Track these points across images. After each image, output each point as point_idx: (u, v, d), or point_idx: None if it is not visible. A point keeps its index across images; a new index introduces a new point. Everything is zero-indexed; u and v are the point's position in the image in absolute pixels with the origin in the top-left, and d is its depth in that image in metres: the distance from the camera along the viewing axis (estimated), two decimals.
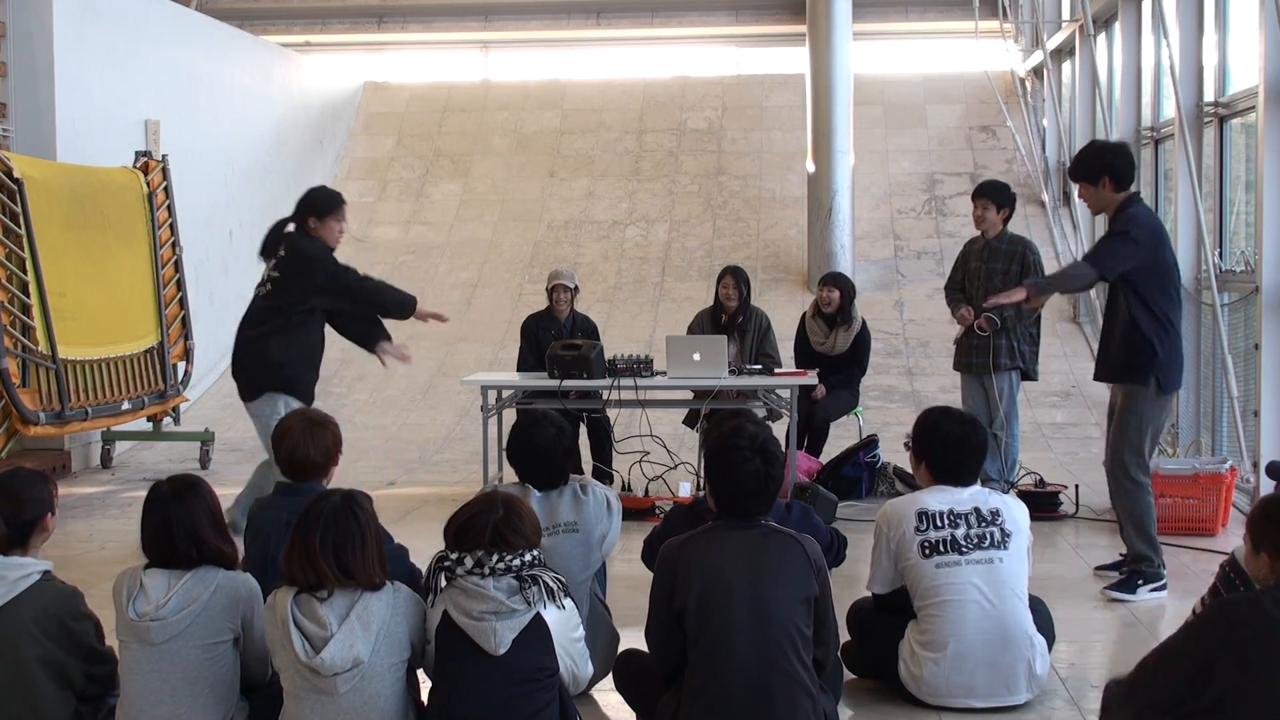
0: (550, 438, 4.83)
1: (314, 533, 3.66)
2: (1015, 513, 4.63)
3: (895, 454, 8.66)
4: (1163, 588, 6.08)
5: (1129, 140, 10.91)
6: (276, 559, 4.02)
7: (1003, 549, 4.52)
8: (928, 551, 4.51)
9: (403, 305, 6.82)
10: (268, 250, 6.73)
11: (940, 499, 4.59)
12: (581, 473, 8.02)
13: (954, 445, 4.63)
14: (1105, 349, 6.17)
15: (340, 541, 3.65)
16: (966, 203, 9.60)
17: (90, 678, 3.99)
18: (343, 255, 6.96)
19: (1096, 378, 6.42)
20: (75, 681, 3.96)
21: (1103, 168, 6.02)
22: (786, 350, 9.01)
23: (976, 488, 4.64)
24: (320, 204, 6.69)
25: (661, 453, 8.34)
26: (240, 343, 6.71)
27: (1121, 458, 6.04)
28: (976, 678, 4.47)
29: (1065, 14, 13.99)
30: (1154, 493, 6.97)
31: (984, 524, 4.55)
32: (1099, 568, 6.45)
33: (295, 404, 6.39)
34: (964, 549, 4.49)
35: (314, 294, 6.59)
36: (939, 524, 4.53)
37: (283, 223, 6.75)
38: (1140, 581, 6.06)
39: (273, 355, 6.54)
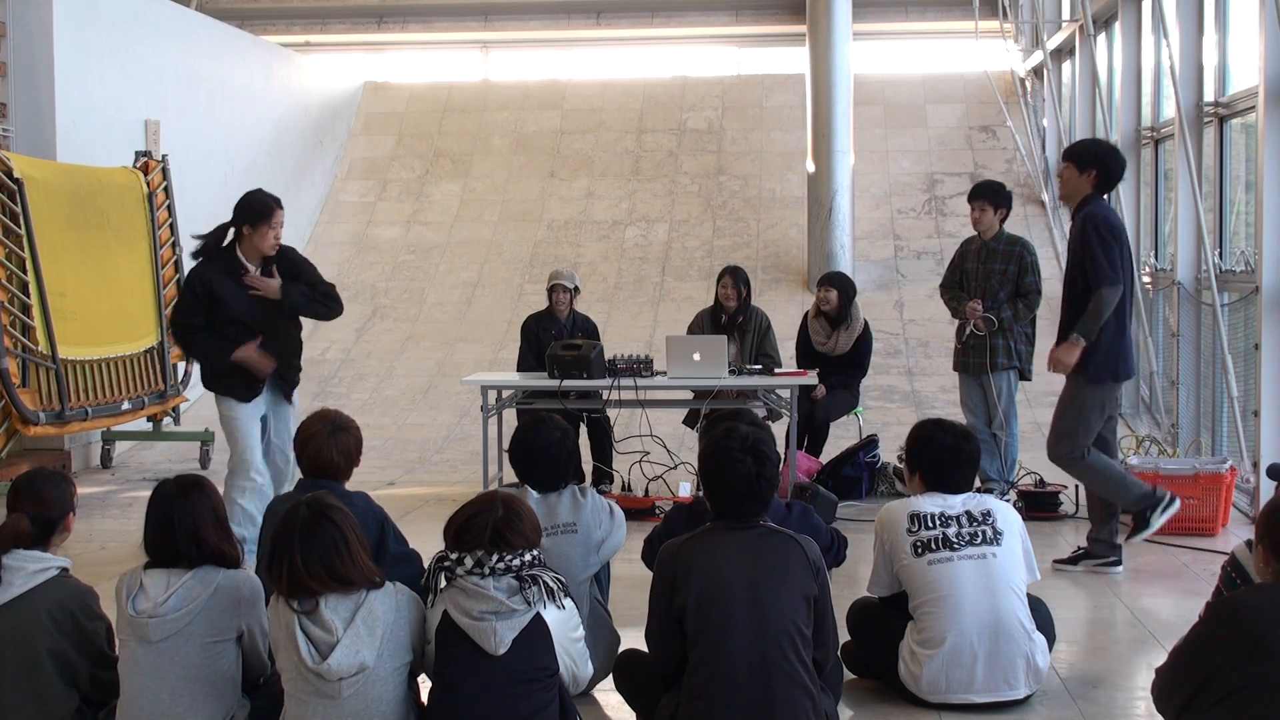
0: (554, 440, 4.83)
1: (295, 552, 3.61)
2: (1007, 514, 4.66)
3: (895, 454, 8.65)
4: (1171, 501, 6.25)
5: (1129, 140, 10.92)
6: None
7: (995, 545, 4.55)
8: (920, 550, 4.53)
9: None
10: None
11: (932, 502, 4.63)
12: (583, 477, 8.03)
13: (947, 456, 4.67)
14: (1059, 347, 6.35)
15: (325, 552, 3.61)
16: (966, 203, 9.61)
17: (95, 681, 4.00)
18: (343, 256, 6.95)
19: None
20: (81, 681, 3.97)
21: (1098, 163, 6.23)
22: (787, 350, 9.01)
23: (968, 494, 4.68)
24: (255, 210, 6.59)
25: (661, 453, 8.34)
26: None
27: (1071, 442, 6.20)
28: (975, 671, 4.48)
29: (1065, 14, 13.99)
30: None
31: (975, 524, 4.58)
32: (1057, 561, 6.49)
33: (233, 405, 6.62)
34: (956, 545, 4.52)
35: None
36: (930, 524, 4.56)
37: (223, 228, 6.73)
38: (1149, 512, 6.24)
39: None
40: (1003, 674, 4.51)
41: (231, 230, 6.63)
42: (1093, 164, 6.21)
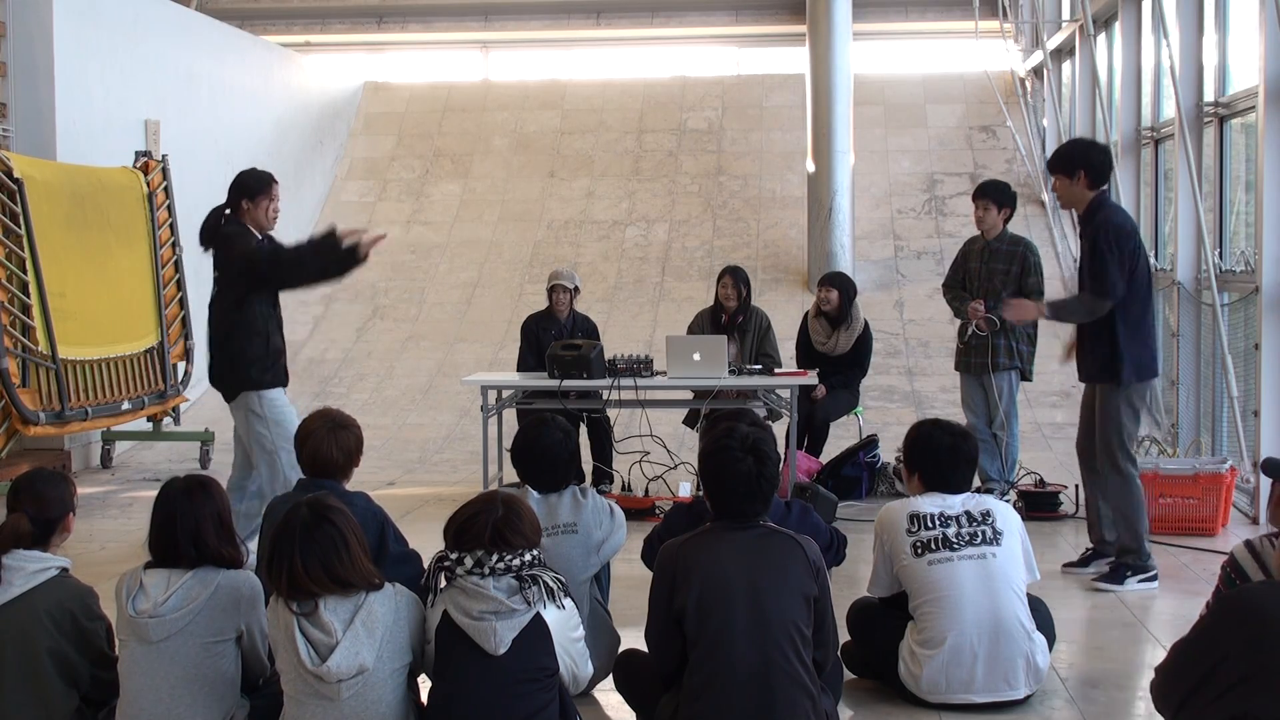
0: (557, 441, 4.84)
1: (295, 554, 3.60)
2: (1006, 514, 4.66)
3: (894, 454, 8.65)
4: (1153, 579, 6.15)
5: (1129, 140, 10.92)
6: None
7: (995, 545, 4.55)
8: (920, 550, 4.53)
9: (333, 251, 6.12)
10: (206, 240, 6.48)
11: (932, 502, 4.62)
12: (583, 477, 8.03)
13: (946, 456, 4.67)
14: (1080, 351, 6.30)
15: (325, 555, 3.60)
16: (966, 203, 9.60)
17: (96, 681, 4.00)
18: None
19: (1081, 379, 6.44)
20: (81, 681, 3.98)
21: (1081, 162, 6.15)
22: (786, 350, 9.01)
23: (967, 494, 4.68)
24: (250, 185, 6.43)
25: (661, 453, 8.34)
26: (211, 347, 6.46)
27: (1109, 452, 6.11)
28: (976, 672, 4.48)
29: (1065, 14, 13.99)
30: (1154, 493, 6.98)
31: (975, 524, 4.57)
32: (1066, 565, 6.48)
33: (273, 397, 6.29)
34: (955, 546, 4.52)
35: (241, 278, 6.30)
36: (930, 524, 4.56)
37: (218, 210, 6.49)
38: (1129, 573, 6.14)
39: (243, 355, 6.29)
40: (1003, 674, 4.51)
41: (228, 211, 6.44)
42: (1078, 165, 6.13)
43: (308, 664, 3.55)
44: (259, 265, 6.25)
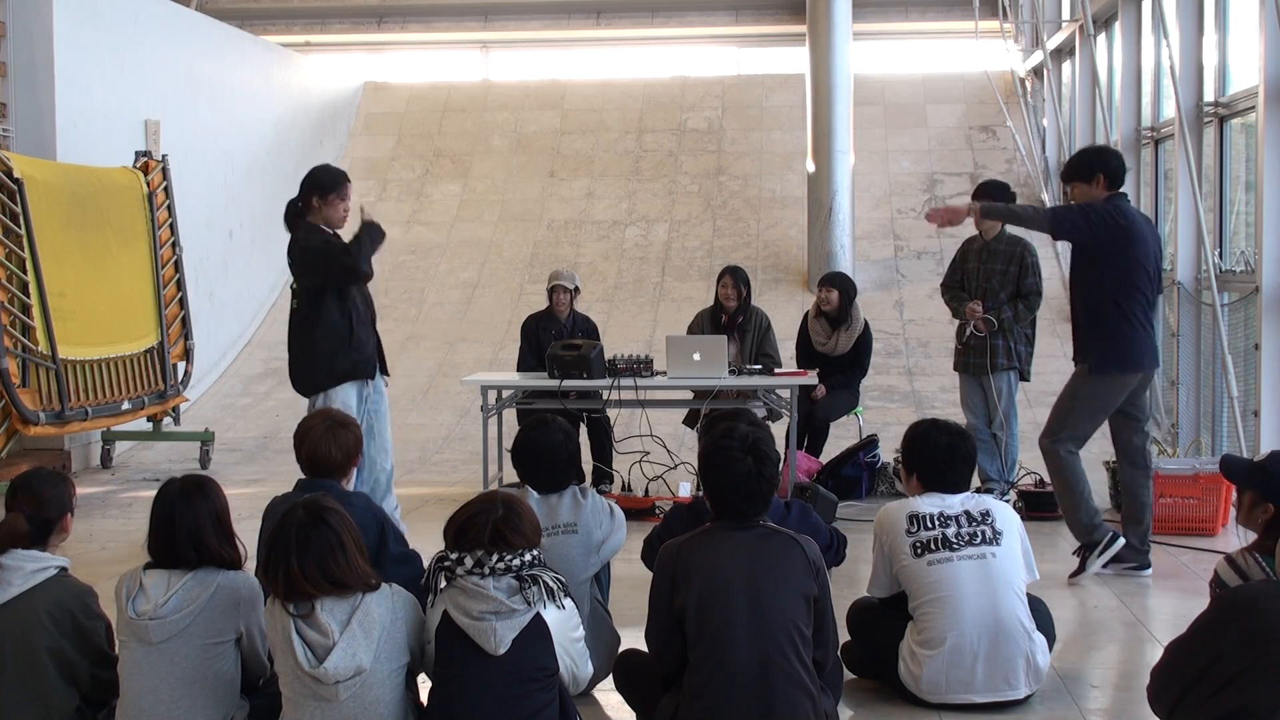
0: (558, 442, 4.84)
1: (291, 555, 3.59)
2: (1006, 514, 4.66)
3: (893, 454, 8.64)
4: (1113, 540, 6.18)
5: (1129, 140, 10.92)
6: None
7: (994, 545, 4.54)
8: (919, 551, 4.53)
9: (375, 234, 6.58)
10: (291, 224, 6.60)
11: (931, 502, 4.62)
12: (583, 477, 8.03)
13: (944, 455, 4.67)
14: (1074, 331, 6.39)
15: (321, 556, 3.59)
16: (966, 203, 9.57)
17: (96, 680, 4.00)
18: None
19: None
20: (81, 680, 3.98)
21: (1099, 165, 6.21)
22: (786, 350, 9.01)
23: (966, 494, 4.67)
24: (324, 182, 6.49)
25: (661, 453, 8.34)
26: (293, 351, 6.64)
27: (1050, 427, 6.22)
28: (976, 672, 4.48)
29: (1065, 14, 14.00)
30: (1154, 493, 6.99)
31: (974, 524, 4.57)
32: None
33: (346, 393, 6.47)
34: (955, 546, 4.52)
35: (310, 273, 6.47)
36: (929, 525, 4.55)
37: (294, 201, 6.55)
38: (1088, 554, 6.19)
39: (319, 350, 6.46)
40: (1003, 674, 4.51)
41: (300, 204, 6.50)
42: (1095, 169, 6.17)
43: (305, 665, 3.55)
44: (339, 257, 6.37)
